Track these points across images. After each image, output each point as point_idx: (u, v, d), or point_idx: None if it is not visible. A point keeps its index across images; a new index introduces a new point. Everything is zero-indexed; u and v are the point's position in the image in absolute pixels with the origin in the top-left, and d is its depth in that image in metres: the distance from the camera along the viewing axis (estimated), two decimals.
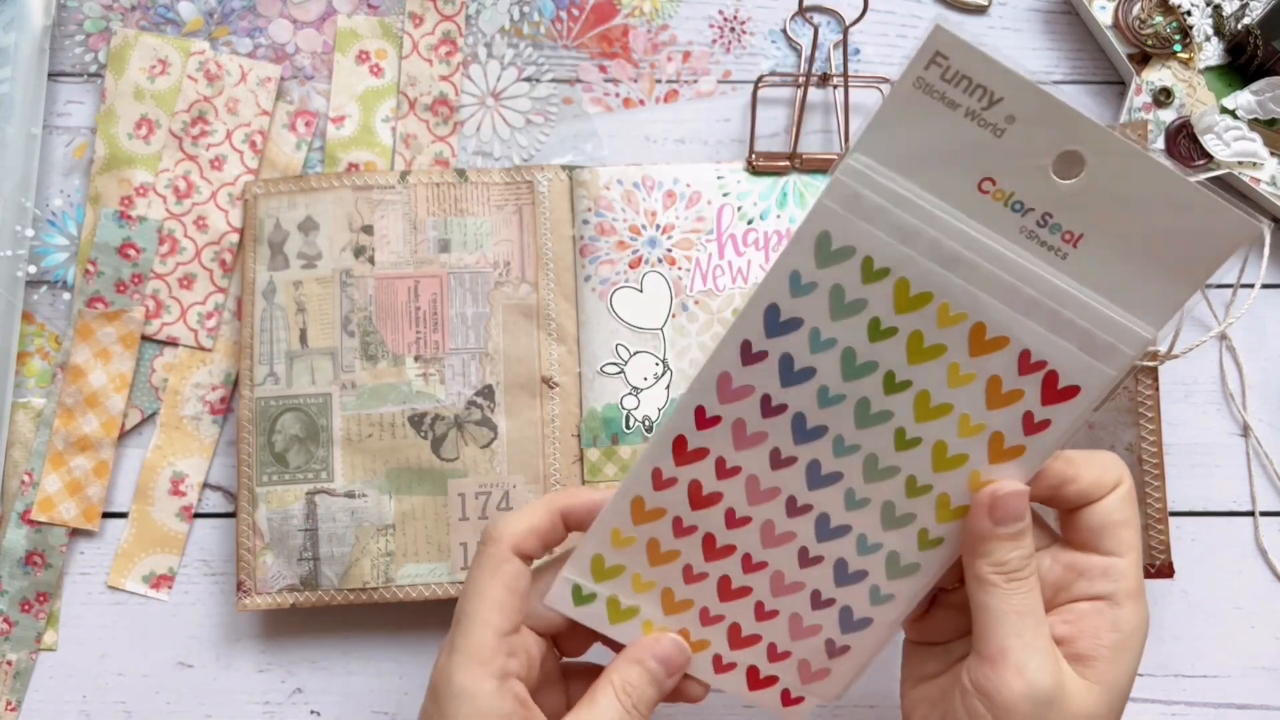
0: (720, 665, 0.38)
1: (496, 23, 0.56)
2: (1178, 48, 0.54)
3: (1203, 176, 0.54)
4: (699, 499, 0.35)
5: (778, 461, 0.34)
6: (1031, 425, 0.32)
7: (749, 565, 0.36)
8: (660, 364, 0.52)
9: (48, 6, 0.54)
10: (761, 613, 0.36)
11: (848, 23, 0.55)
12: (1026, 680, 0.32)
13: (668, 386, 0.52)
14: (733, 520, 0.35)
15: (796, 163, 0.53)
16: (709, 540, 0.36)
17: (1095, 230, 0.31)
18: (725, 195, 0.53)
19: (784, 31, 0.57)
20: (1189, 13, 0.54)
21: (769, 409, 0.33)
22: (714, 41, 0.57)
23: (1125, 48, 0.55)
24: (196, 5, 0.56)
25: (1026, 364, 0.32)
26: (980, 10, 0.57)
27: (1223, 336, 0.55)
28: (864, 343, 0.32)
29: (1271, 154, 0.54)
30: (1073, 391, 0.32)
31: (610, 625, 0.37)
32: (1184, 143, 0.54)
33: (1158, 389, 0.49)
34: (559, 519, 0.37)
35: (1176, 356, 0.49)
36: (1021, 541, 0.34)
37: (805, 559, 0.35)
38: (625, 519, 0.36)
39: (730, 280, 0.52)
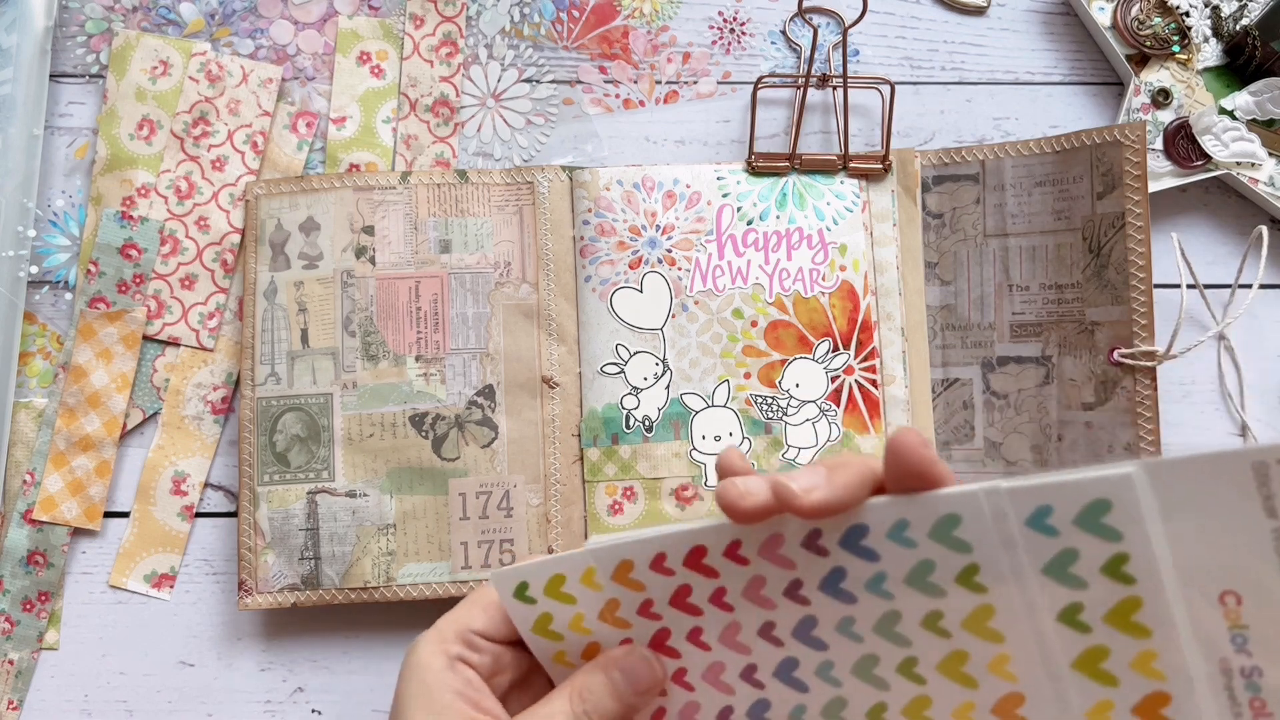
0: None
1: (497, 24, 0.57)
2: (1176, 49, 0.54)
3: (1201, 177, 0.54)
4: (681, 601, 0.34)
5: (766, 634, 0.33)
6: None
7: (679, 680, 0.35)
8: (660, 364, 0.52)
9: (49, 8, 0.54)
10: None
11: (847, 24, 0.55)
12: None
13: (667, 386, 0.52)
14: (695, 638, 0.34)
15: (796, 163, 0.54)
16: (662, 635, 0.35)
17: None
18: (725, 196, 0.53)
19: (783, 32, 0.57)
20: (1187, 14, 0.55)
21: (793, 591, 0.32)
22: (714, 43, 0.57)
23: (1124, 48, 0.55)
24: (198, 6, 0.56)
25: None
26: (979, 11, 0.57)
27: (1221, 337, 0.55)
28: (914, 619, 0.30)
29: (1270, 154, 0.54)
30: None
31: (530, 631, 0.36)
32: (1182, 143, 0.54)
33: (1156, 389, 0.50)
34: None
35: (1175, 357, 0.49)
36: None
37: (722, 717, 0.34)
38: (607, 569, 0.35)
39: (730, 280, 0.52)
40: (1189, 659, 0.26)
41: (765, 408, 0.52)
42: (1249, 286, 0.53)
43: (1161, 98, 0.54)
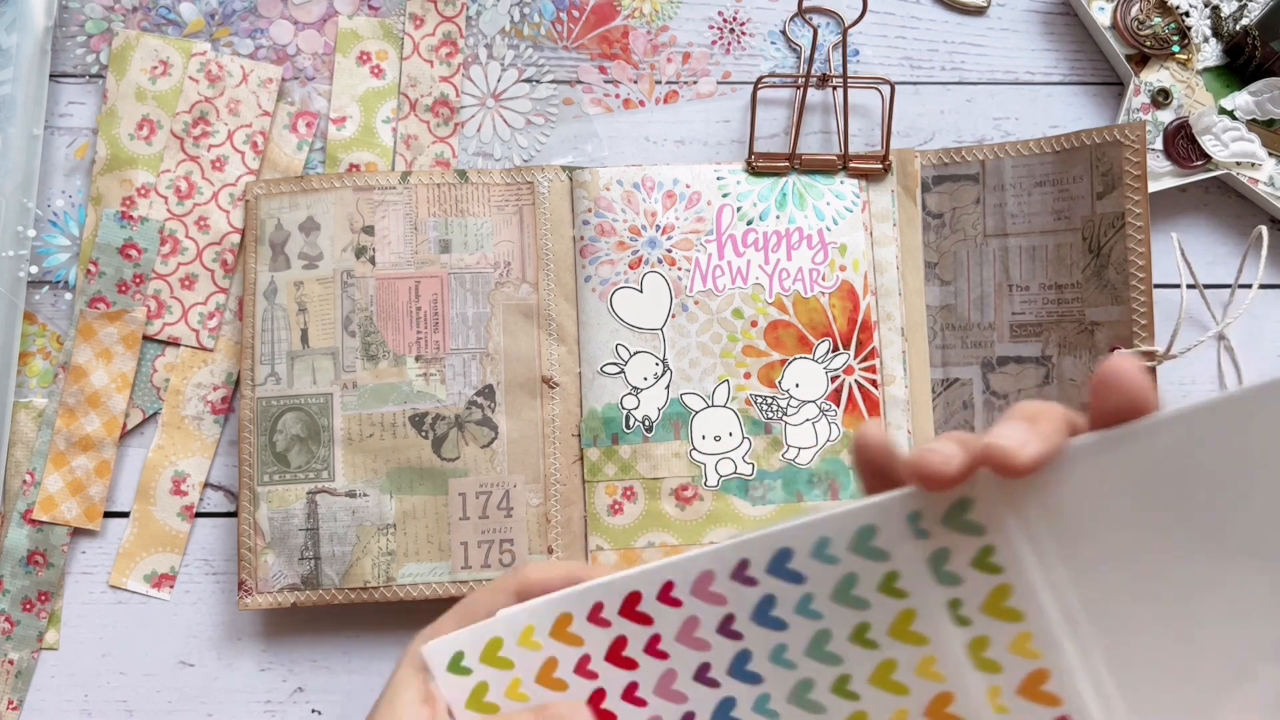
0: None
1: (497, 24, 0.57)
2: (1176, 49, 0.54)
3: (1201, 177, 0.54)
4: (616, 655, 0.34)
5: (702, 676, 0.33)
6: None
7: None
8: (660, 364, 0.52)
9: (49, 8, 0.54)
10: None
11: (847, 24, 0.55)
12: None
13: (667, 386, 0.52)
14: (630, 695, 0.34)
15: (796, 163, 0.54)
16: (598, 696, 0.35)
17: None
18: (725, 196, 0.53)
19: (783, 32, 0.57)
20: (1187, 14, 0.55)
21: (726, 627, 0.32)
22: (714, 43, 0.57)
23: (1124, 48, 0.55)
24: (198, 6, 0.56)
25: None
26: (979, 11, 0.57)
27: (1221, 337, 0.55)
28: (843, 635, 0.31)
29: (1270, 154, 0.54)
30: None
31: (464, 708, 0.36)
32: (1182, 143, 0.54)
33: (1156, 389, 0.49)
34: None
35: (1174, 357, 0.49)
36: None
37: None
38: (546, 625, 0.35)
39: (730, 280, 0.52)
40: (1059, 634, 0.27)
41: (765, 408, 0.52)
42: (1249, 286, 0.53)
43: (1161, 98, 0.54)
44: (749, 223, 0.53)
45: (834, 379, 0.52)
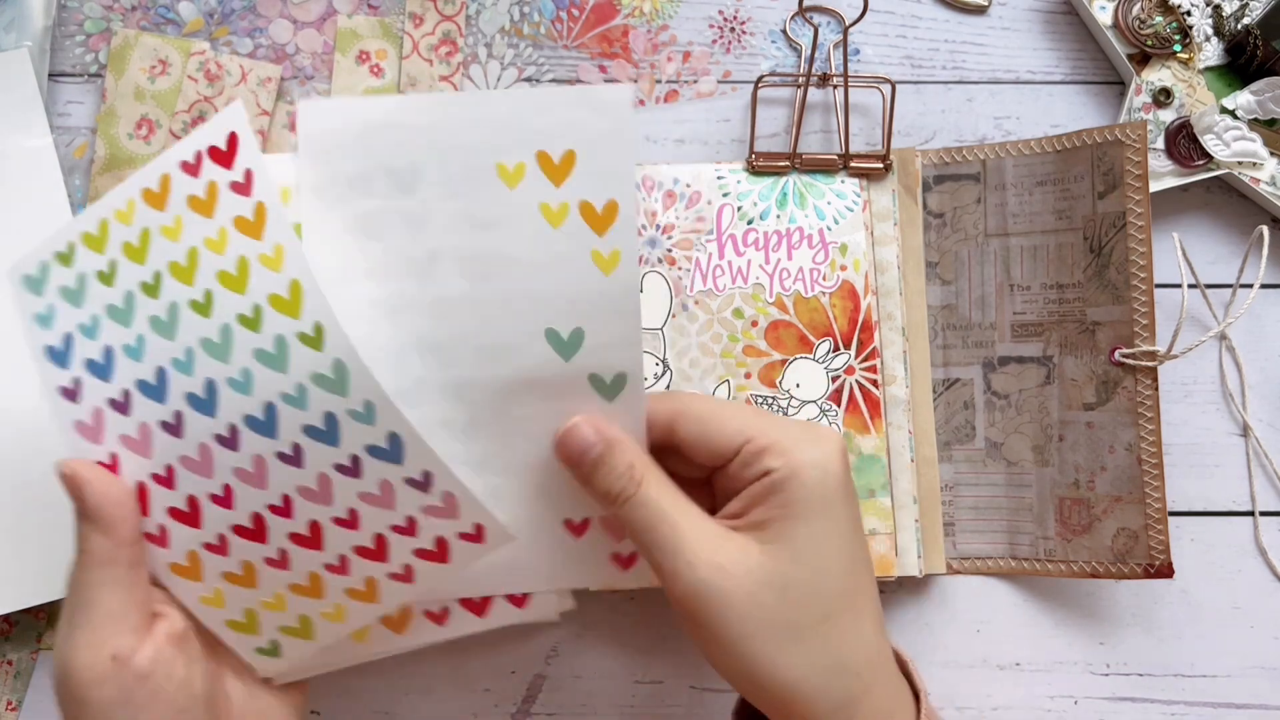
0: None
1: (497, 23, 0.56)
2: (1177, 48, 0.54)
3: (1203, 176, 0.54)
4: (184, 516, 0.37)
5: (174, 430, 0.36)
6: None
7: (259, 525, 0.37)
8: (660, 364, 0.52)
9: (48, 7, 0.54)
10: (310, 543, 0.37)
11: (848, 23, 0.55)
12: (691, 576, 0.35)
13: (668, 386, 0.52)
14: (224, 500, 0.36)
15: (796, 163, 0.53)
16: (225, 538, 0.37)
17: None
18: (725, 195, 0.53)
19: (784, 32, 0.57)
20: (1189, 13, 0.54)
21: (120, 407, 0.36)
22: (714, 42, 0.57)
23: (1125, 48, 0.55)
24: (197, 5, 0.56)
25: None
26: (980, 10, 0.57)
27: (1222, 336, 0.55)
28: (120, 293, 0.36)
29: (1271, 154, 0.54)
30: None
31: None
32: (1184, 143, 0.54)
33: (1157, 389, 0.49)
34: None
35: (1176, 357, 0.49)
36: (607, 465, 0.36)
37: (262, 472, 0.36)
38: (214, 583, 0.38)
39: (730, 280, 0.52)
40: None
41: (766, 408, 0.52)
42: (1250, 286, 0.53)
43: (1163, 97, 0.54)
44: (749, 222, 0.53)
45: (835, 379, 0.52)
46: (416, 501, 0.36)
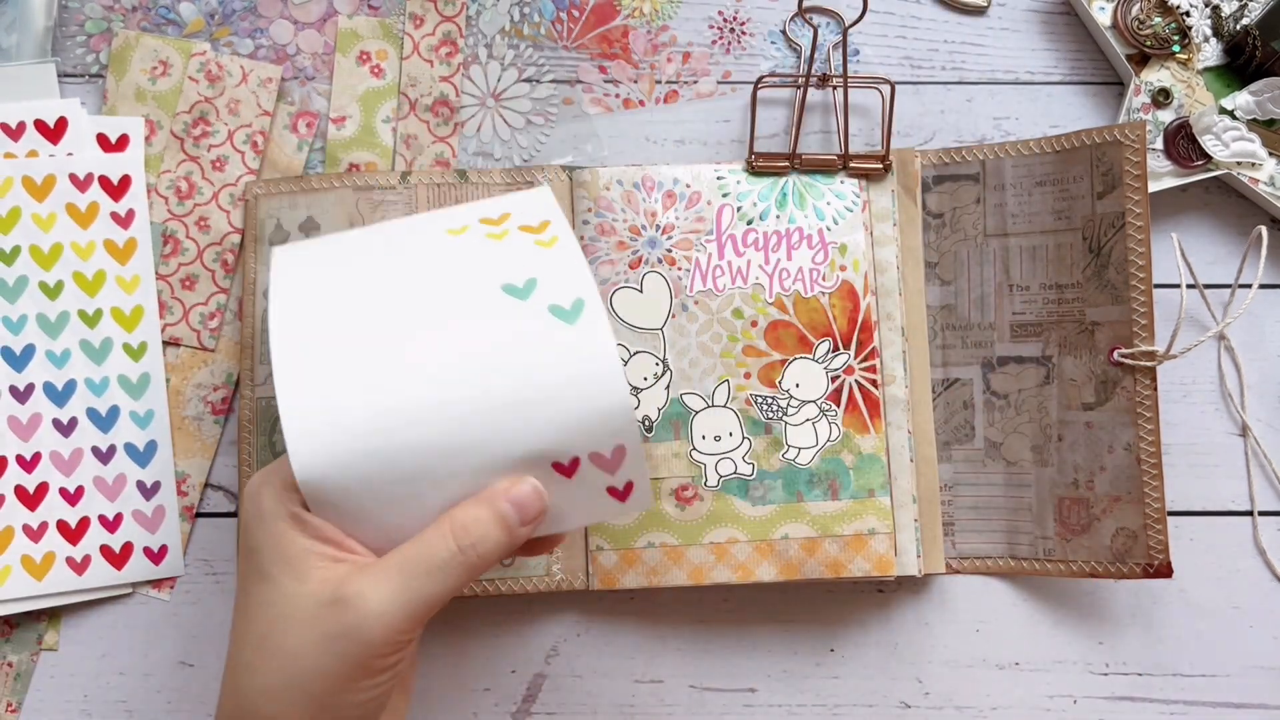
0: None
1: (497, 24, 0.57)
2: (1176, 48, 0.54)
3: (1201, 177, 0.54)
4: None
5: None
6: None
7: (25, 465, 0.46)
8: (660, 364, 0.52)
9: (49, 7, 0.54)
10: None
11: (847, 23, 0.55)
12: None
13: (667, 386, 0.52)
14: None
15: (796, 163, 0.53)
16: None
17: None
18: (725, 196, 0.53)
19: (783, 32, 0.57)
20: (1188, 13, 0.55)
21: None
22: (714, 42, 0.57)
23: (1124, 48, 0.55)
24: (198, 6, 0.56)
25: None
26: (979, 11, 0.57)
27: (1221, 336, 0.55)
28: None
29: (1270, 154, 0.54)
30: None
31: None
32: (1183, 143, 0.54)
33: (1156, 389, 0.49)
34: None
35: (1175, 357, 0.49)
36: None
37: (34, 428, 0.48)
38: None
39: (730, 281, 0.52)
40: None
41: (765, 408, 0.52)
42: (1249, 286, 0.53)
43: (1162, 97, 0.54)
44: (749, 222, 0.53)
45: (834, 379, 0.52)
46: (91, 473, 0.50)
